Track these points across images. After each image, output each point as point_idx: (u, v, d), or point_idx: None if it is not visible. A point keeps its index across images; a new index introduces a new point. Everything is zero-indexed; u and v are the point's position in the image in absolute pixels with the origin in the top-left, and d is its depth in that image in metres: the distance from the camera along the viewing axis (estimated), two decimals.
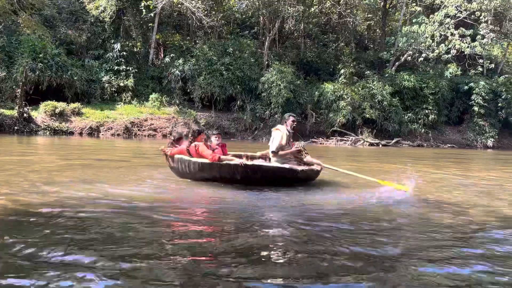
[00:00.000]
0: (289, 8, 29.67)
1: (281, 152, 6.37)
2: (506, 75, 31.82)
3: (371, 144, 25.77)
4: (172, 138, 7.60)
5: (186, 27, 32.32)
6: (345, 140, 25.86)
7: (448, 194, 6.12)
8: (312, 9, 31.44)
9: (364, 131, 26.79)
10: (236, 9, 32.10)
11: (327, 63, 31.73)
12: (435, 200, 5.59)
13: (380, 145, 25.79)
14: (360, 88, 27.84)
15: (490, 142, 29.57)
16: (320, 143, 24.66)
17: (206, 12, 27.74)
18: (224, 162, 5.94)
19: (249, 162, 6.07)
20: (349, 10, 31.93)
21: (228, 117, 27.42)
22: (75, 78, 23.43)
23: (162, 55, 30.06)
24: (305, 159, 6.56)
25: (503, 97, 30.15)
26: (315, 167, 6.41)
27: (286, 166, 6.08)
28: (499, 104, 30.28)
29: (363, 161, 12.99)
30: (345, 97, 26.72)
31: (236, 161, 5.99)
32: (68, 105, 22.47)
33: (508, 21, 31.07)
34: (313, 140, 25.23)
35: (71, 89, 23.67)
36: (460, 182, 8.08)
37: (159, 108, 25.63)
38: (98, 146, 15.07)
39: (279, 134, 6.42)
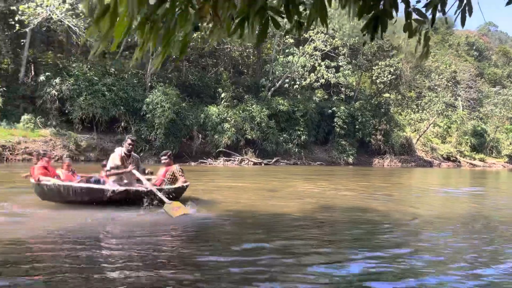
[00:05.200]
0: None
1: (113, 171, 6.90)
2: (360, 101, 37.11)
3: (255, 163, 27.51)
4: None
5: (57, 43, 30.30)
6: (232, 160, 27.15)
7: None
8: (194, 35, 32.35)
9: (248, 151, 28.47)
10: None
11: (208, 87, 32.86)
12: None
13: (263, 164, 27.70)
14: (241, 111, 29.57)
15: (350, 159, 33.94)
16: (209, 164, 25.47)
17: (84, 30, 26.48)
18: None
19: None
20: (229, 38, 33.68)
21: (111, 138, 26.43)
22: None
23: (32, 73, 27.62)
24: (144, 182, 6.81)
25: (359, 120, 35.10)
26: (136, 188, 6.74)
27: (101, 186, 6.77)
28: (356, 126, 35.13)
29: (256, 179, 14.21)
30: (229, 119, 28.16)
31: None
32: None
33: (361, 55, 36.49)
34: (201, 161, 25.90)
35: None
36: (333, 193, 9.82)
37: (33, 130, 23.57)
38: None
39: (112, 155, 7.03)
